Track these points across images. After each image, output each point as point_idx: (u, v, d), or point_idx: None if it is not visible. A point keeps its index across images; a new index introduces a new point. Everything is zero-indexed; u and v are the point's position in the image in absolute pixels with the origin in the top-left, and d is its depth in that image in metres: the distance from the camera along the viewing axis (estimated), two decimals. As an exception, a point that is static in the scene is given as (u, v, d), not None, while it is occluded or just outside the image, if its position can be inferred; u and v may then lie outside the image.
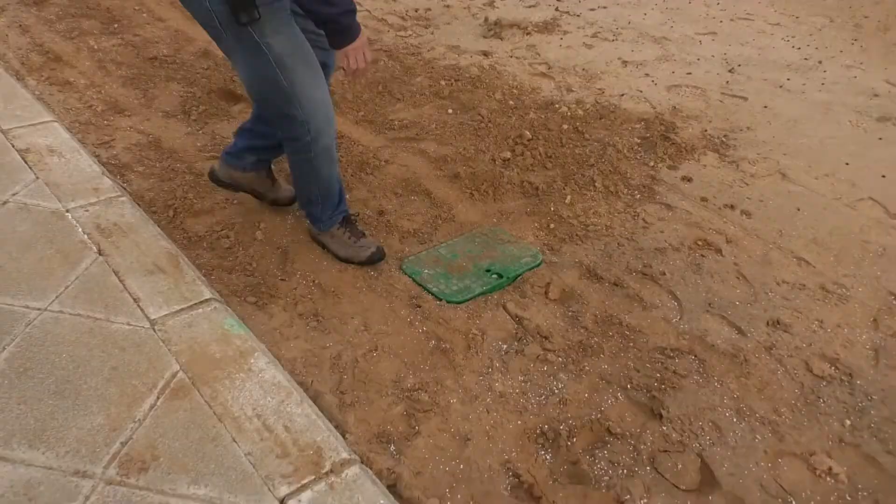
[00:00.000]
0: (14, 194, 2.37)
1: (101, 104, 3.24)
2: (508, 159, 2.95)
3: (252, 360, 1.80)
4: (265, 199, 2.52)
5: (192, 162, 2.84)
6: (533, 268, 2.36)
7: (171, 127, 3.11)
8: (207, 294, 2.01)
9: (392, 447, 1.73)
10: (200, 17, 1.76)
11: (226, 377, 1.74)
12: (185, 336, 1.85)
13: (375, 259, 2.28)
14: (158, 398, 1.65)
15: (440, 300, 2.18)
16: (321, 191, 2.20)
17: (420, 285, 2.24)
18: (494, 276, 2.27)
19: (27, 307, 1.88)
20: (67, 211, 2.31)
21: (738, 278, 2.37)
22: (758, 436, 1.82)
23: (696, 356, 2.05)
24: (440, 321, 2.11)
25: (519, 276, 2.31)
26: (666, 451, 1.75)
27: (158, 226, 2.39)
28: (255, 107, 2.31)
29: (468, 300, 2.19)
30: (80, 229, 2.22)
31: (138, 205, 2.50)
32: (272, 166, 2.49)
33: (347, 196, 2.59)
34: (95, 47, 3.77)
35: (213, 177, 2.41)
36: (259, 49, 1.77)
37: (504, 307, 2.19)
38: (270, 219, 2.52)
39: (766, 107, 3.50)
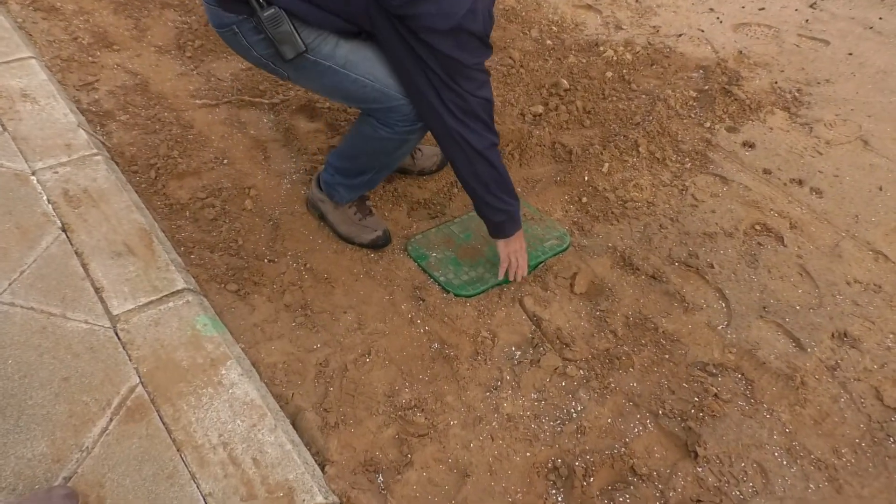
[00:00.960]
0: (-24, 152, 2.15)
1: (87, 35, 2.94)
2: (540, 115, 2.63)
3: (224, 371, 1.60)
4: (412, 172, 2.31)
5: (181, 110, 2.57)
6: (558, 253, 2.08)
7: (163, 65, 2.82)
8: (181, 283, 1.81)
9: (380, 477, 1.52)
10: (257, 64, 1.71)
11: (191, 392, 1.54)
12: (149, 338, 1.65)
13: (379, 244, 2.04)
14: (112, 420, 1.46)
15: (447, 292, 1.92)
16: (375, 170, 1.92)
17: (426, 272, 1.99)
18: None
19: (-23, 296, 1.70)
20: (33, 173, 2.08)
21: (800, 275, 2.05)
22: (811, 484, 1.56)
23: (743, 375, 1.78)
24: (445, 319, 1.87)
25: (541, 263, 2.05)
26: (699, 500, 1.51)
27: (136, 191, 2.18)
28: None
29: (479, 293, 1.94)
30: (44, 197, 2.00)
31: (116, 163, 2.27)
32: None
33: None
34: (85, -34, 3.42)
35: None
36: (322, 67, 1.66)
37: (521, 303, 1.94)
38: (263, 184, 2.27)
39: (850, 54, 3.01)
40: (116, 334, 1.65)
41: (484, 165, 1.70)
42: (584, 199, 2.29)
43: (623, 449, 1.61)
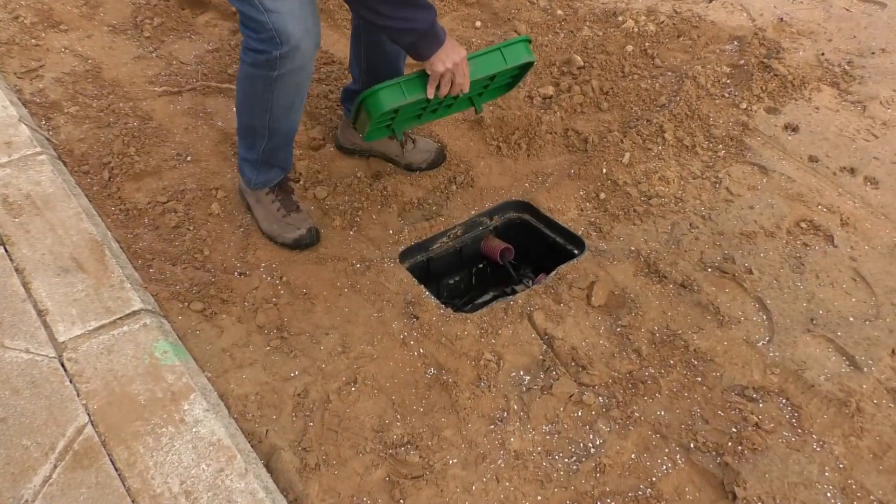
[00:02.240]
0: None
1: (30, 14, 2.92)
2: (550, 97, 2.60)
3: (186, 406, 1.58)
4: (399, 164, 2.33)
5: (138, 100, 2.55)
6: (513, 47, 1.87)
7: (118, 47, 2.80)
8: (137, 303, 1.79)
9: (368, 527, 1.50)
10: None
11: (149, 432, 1.52)
12: (101, 368, 1.63)
13: (303, 244, 2.04)
14: (56, 467, 1.44)
15: (362, 104, 1.83)
16: (268, 129, 1.91)
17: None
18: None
19: None
20: (-32, 178, 2.05)
21: (854, 280, 2.01)
22: (869, 529, 1.52)
23: (788, 400, 1.75)
24: (443, 340, 1.84)
25: (486, 55, 1.86)
26: (738, 550, 1.47)
27: (87, 195, 2.17)
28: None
29: (388, 95, 1.78)
30: (-20, 206, 1.97)
31: (64, 163, 2.26)
32: None
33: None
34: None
35: (337, 144, 2.38)
36: None
37: (530, 318, 1.91)
38: (233, 184, 2.25)
39: (909, 18, 2.95)
40: (62, 365, 1.62)
41: None
42: (602, 196, 2.26)
43: (649, 490, 1.58)
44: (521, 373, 1.79)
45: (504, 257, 2.23)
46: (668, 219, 2.18)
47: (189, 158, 2.33)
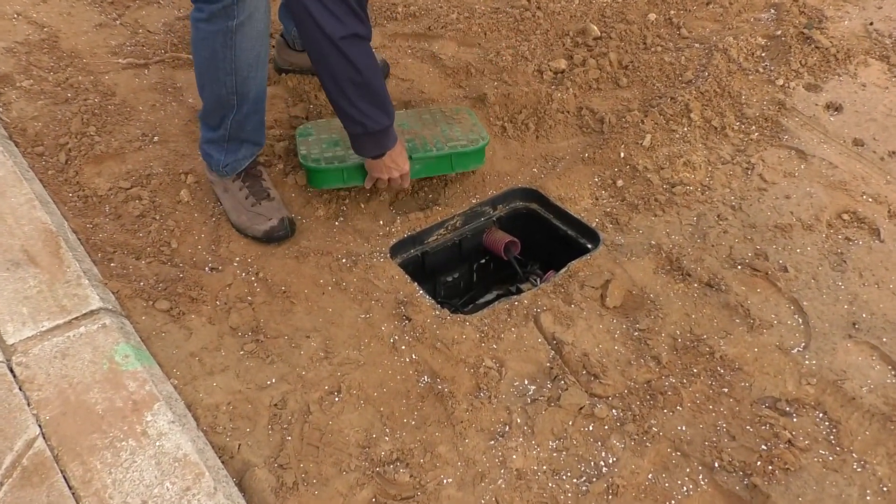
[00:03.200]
0: None
1: (-20, -23, 2.91)
2: (562, 71, 2.61)
3: (150, 418, 1.59)
4: None
5: (100, 73, 2.56)
6: (463, 158, 2.13)
7: (77, 14, 2.81)
8: (96, 301, 1.80)
9: (351, 554, 1.50)
10: None
11: (107, 446, 1.53)
12: (54, 374, 1.64)
13: (276, 237, 2.04)
14: (2, 485, 1.46)
15: (303, 165, 2.08)
16: (236, 94, 1.93)
17: (295, 148, 2.15)
18: None
19: None
20: None
21: (902, 280, 2.01)
22: (914, 560, 1.52)
23: (825, 414, 1.74)
24: (438, 344, 1.85)
25: (432, 166, 2.12)
26: (766, 582, 1.47)
27: (41, 180, 2.18)
28: None
29: (331, 180, 2.07)
30: (-79, 192, 1.98)
31: (15, 144, 2.28)
32: None
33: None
34: None
35: (276, 66, 2.54)
36: None
37: (536, 321, 1.92)
38: (204, 168, 2.23)
39: (969, -16, 2.94)
40: (11, 370, 1.63)
41: (338, 59, 1.72)
42: (620, 183, 2.26)
43: (668, 514, 1.57)
44: (526, 382, 1.79)
45: (509, 252, 2.23)
46: (694, 209, 2.18)
47: (156, 139, 2.33)
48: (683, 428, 1.71)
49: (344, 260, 2.03)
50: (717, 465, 1.65)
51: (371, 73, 1.77)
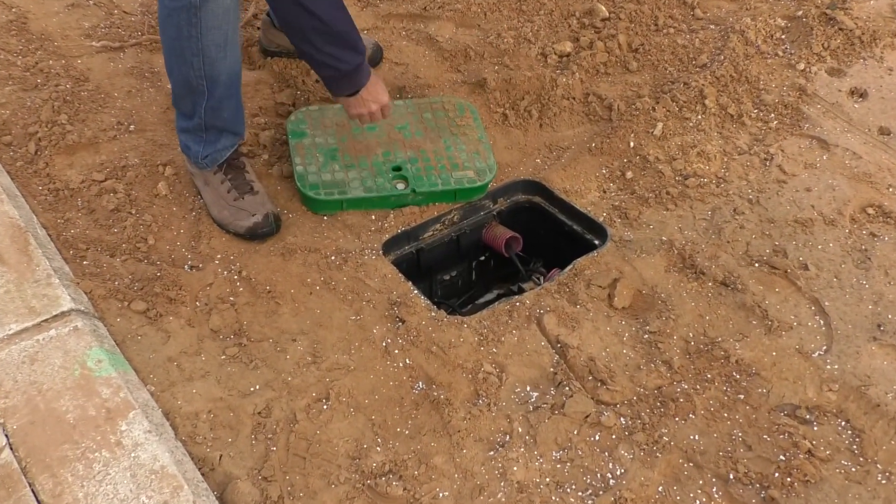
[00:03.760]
0: None
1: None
2: (568, 55, 2.61)
3: (125, 427, 1.59)
4: None
5: (72, 57, 2.57)
6: (468, 192, 2.18)
7: (48, -7, 2.79)
8: (67, 302, 1.79)
9: (341, 573, 1.50)
10: None
11: (79, 458, 1.53)
12: (22, 380, 1.64)
13: (259, 233, 2.05)
14: None
15: (300, 189, 2.11)
16: (205, 78, 1.93)
17: (289, 155, 2.19)
18: (400, 183, 2.17)
19: None
20: None
21: (930, 278, 2.01)
22: (942, 579, 1.52)
23: (848, 422, 1.75)
24: (434, 348, 1.86)
25: (435, 197, 2.17)
26: None
27: (8, 171, 2.18)
28: None
29: (331, 206, 2.12)
30: None
31: None
32: None
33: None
34: None
35: (261, 48, 2.57)
36: None
37: (539, 323, 1.93)
38: (183, 159, 2.23)
39: None
40: (-24, 377, 1.63)
41: (298, 12, 1.80)
42: (629, 174, 2.26)
43: (679, 529, 1.58)
44: (528, 388, 1.80)
45: (510, 248, 2.23)
46: (708, 203, 2.19)
47: (132, 128, 2.33)
48: (696, 437, 1.72)
49: (333, 257, 2.03)
50: (732, 476, 1.66)
51: (333, 19, 1.84)
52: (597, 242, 2.13)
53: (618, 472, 1.66)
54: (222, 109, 1.99)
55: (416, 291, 1.97)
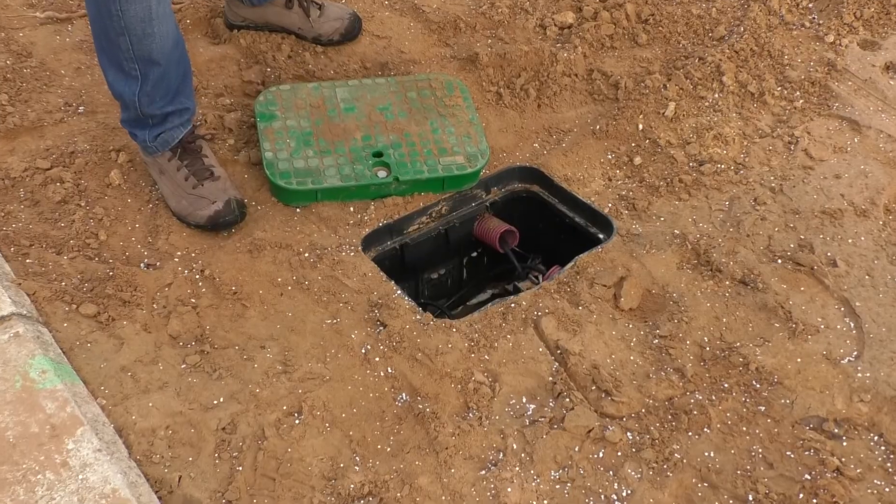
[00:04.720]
0: None
1: None
2: (569, 27, 2.63)
3: (71, 446, 1.59)
4: (305, 38, 2.55)
5: (13, 29, 2.57)
6: (457, 180, 2.19)
7: (-14, -43, 2.78)
8: (8, 306, 1.79)
9: None
10: None
11: (20, 481, 1.53)
12: None
13: (222, 222, 2.05)
14: None
15: (270, 178, 2.12)
16: (135, 59, 1.92)
17: (257, 140, 2.20)
18: (381, 170, 2.17)
19: None
20: None
21: (972, 276, 2.02)
22: None
23: (881, 437, 1.76)
24: (419, 355, 1.87)
25: (421, 186, 2.18)
26: None
27: None
28: None
29: (305, 197, 2.12)
30: None
31: None
32: None
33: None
34: None
35: (226, 22, 2.60)
36: None
37: (536, 326, 1.93)
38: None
39: None
40: None
41: None
42: (638, 160, 2.27)
43: (692, 557, 1.59)
44: (524, 400, 1.80)
45: (505, 243, 2.24)
46: (726, 192, 2.19)
47: (81, 109, 2.33)
48: (711, 454, 1.72)
49: (307, 254, 2.03)
50: (751, 497, 1.66)
51: None
52: (601, 236, 2.14)
53: (624, 494, 1.66)
54: (157, 92, 1.98)
55: (399, 292, 1.97)
